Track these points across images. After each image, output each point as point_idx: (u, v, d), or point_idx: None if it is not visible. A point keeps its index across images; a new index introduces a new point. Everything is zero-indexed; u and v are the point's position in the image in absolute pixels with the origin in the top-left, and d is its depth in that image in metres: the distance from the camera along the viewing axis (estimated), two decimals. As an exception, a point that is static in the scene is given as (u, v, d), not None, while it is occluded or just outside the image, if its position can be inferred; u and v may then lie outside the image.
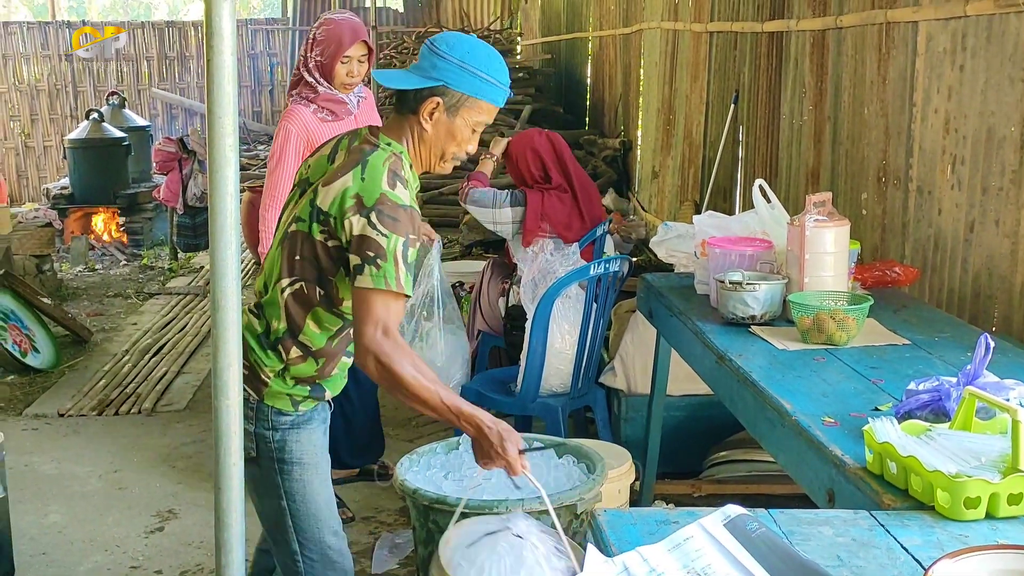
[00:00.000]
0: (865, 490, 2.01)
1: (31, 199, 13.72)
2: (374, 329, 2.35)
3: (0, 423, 5.27)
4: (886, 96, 4.04)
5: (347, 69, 3.97)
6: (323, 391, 2.61)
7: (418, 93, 2.46)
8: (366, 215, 2.36)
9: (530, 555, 2.30)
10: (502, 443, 2.38)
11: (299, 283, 2.48)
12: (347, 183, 2.40)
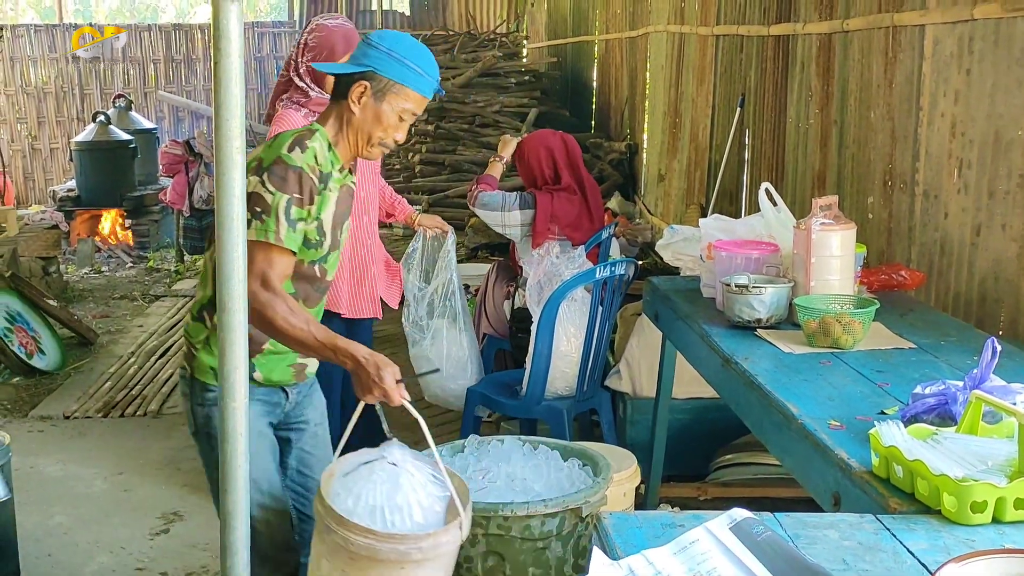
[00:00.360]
0: (871, 494, 2.01)
1: (38, 201, 13.74)
2: (254, 280, 2.49)
3: (6, 425, 5.28)
4: (892, 100, 4.04)
5: None
6: (252, 370, 2.56)
7: (349, 78, 2.65)
8: (260, 174, 2.56)
9: (406, 481, 2.50)
10: (379, 372, 2.55)
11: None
12: (257, 152, 2.63)
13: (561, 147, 4.68)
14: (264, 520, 2.73)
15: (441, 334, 4.37)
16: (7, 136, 13.69)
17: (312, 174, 2.61)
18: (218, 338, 2.18)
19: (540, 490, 3.04)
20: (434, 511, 2.52)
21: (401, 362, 5.99)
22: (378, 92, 2.64)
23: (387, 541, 2.39)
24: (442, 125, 10.64)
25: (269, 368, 2.75)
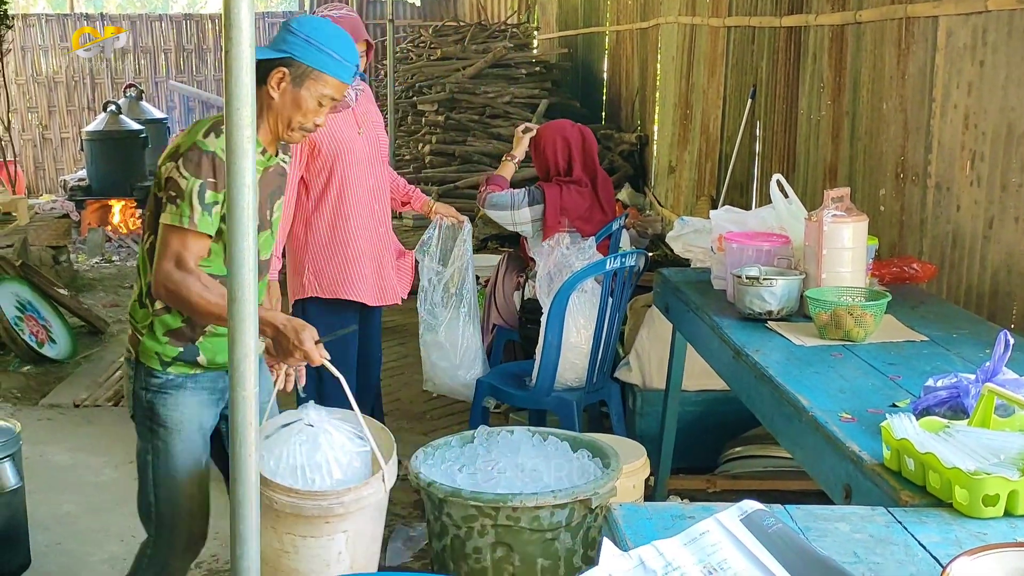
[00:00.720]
0: (882, 486, 2.00)
1: (48, 191, 13.78)
2: (169, 262, 2.60)
3: (16, 413, 5.29)
4: (905, 91, 4.02)
5: None
6: (196, 353, 2.74)
7: (268, 64, 2.68)
8: (176, 160, 2.62)
9: (324, 440, 2.64)
10: (298, 336, 2.60)
11: (152, 237, 2.70)
12: (176, 140, 2.70)
13: (578, 140, 4.67)
14: (188, 510, 2.84)
15: (456, 321, 4.37)
16: (18, 125, 13.71)
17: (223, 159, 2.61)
18: (228, 329, 2.18)
19: (549, 481, 3.04)
20: (354, 467, 2.68)
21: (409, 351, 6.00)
22: (296, 78, 2.70)
23: (309, 498, 2.55)
24: (452, 116, 10.63)
25: (213, 350, 2.78)
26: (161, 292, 2.63)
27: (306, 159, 3.95)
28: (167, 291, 2.62)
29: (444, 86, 10.83)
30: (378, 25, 14.47)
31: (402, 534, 3.96)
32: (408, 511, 4.18)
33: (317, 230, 3.99)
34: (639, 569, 1.52)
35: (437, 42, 11.89)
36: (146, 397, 2.75)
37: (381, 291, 4.12)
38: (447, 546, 2.97)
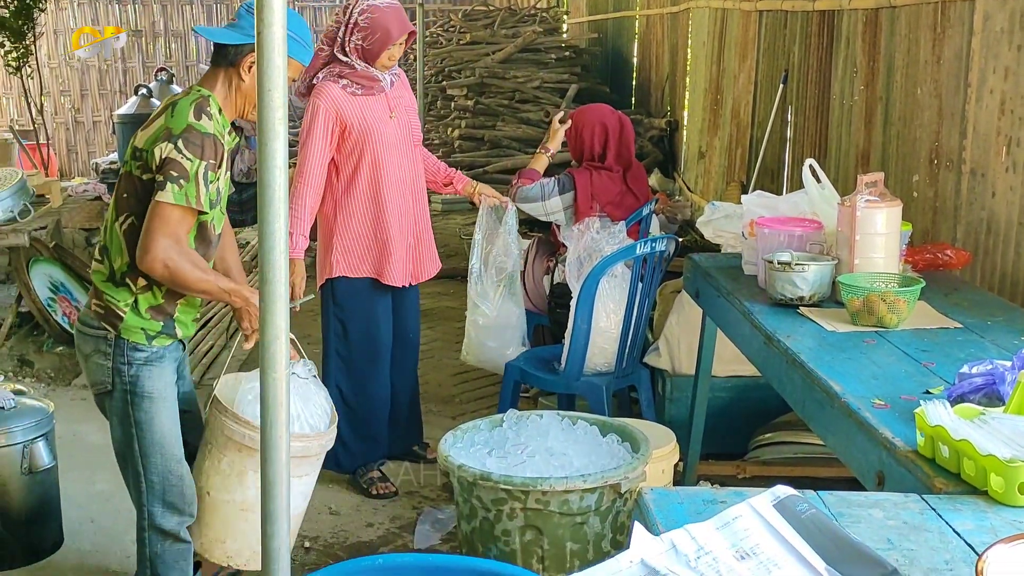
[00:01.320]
0: (916, 473, 1.99)
1: (80, 173, 13.87)
2: (168, 240, 2.76)
3: (50, 393, 5.34)
4: (940, 76, 3.97)
5: (390, 54, 3.97)
6: (174, 328, 2.97)
7: (239, 48, 2.89)
8: (174, 142, 2.76)
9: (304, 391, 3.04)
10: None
11: (130, 217, 2.84)
12: (160, 122, 2.83)
13: (617, 128, 4.65)
14: (178, 474, 2.99)
15: (506, 300, 4.37)
16: (51, 109, 13.80)
17: (221, 140, 2.85)
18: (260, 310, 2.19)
19: (579, 465, 3.04)
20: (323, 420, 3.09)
21: (439, 334, 6.02)
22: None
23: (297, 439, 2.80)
24: (481, 101, 10.61)
25: (185, 323, 3.01)
26: (157, 268, 2.77)
27: (336, 141, 3.96)
28: (165, 268, 2.77)
29: (474, 71, 10.81)
30: (408, 9, 14.43)
31: (430, 517, 3.97)
32: (436, 493, 4.20)
33: (346, 211, 4.02)
34: (671, 553, 1.51)
35: (467, 26, 11.87)
36: (130, 372, 2.88)
37: (410, 272, 4.14)
38: (476, 529, 2.98)
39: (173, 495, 2.98)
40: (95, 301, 2.93)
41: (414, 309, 4.35)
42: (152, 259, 2.75)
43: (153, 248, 2.75)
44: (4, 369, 5.57)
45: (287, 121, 2.15)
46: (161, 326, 2.93)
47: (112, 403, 2.94)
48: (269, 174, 2.14)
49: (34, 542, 3.65)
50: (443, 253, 8.55)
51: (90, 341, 2.94)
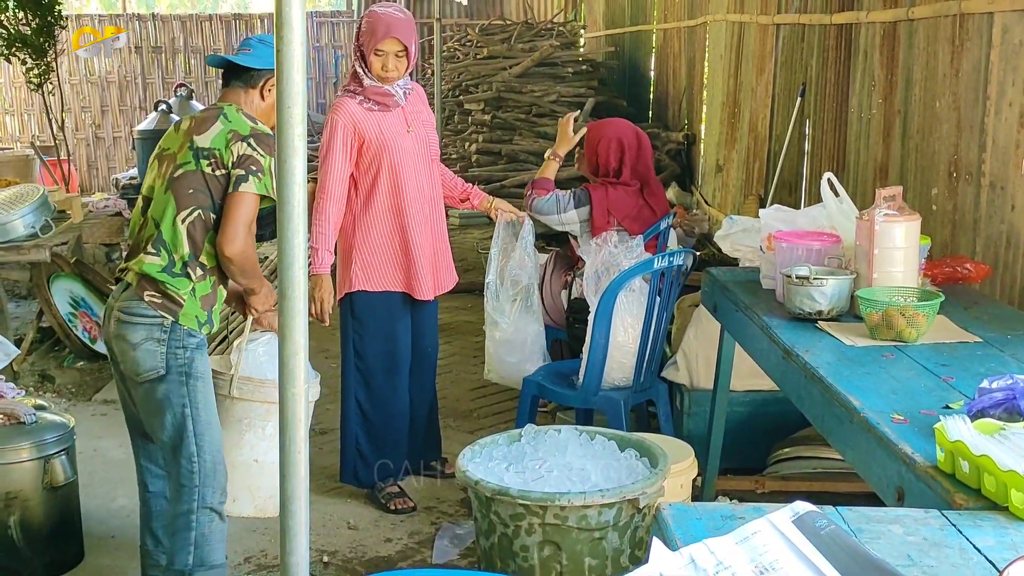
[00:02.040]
0: (936, 489, 1.98)
1: (101, 189, 13.96)
2: (243, 227, 3.08)
3: (71, 408, 5.37)
4: (959, 89, 3.96)
5: (381, 63, 3.98)
6: (212, 320, 3.19)
7: (260, 72, 3.23)
8: (246, 140, 3.10)
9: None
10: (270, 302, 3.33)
11: (196, 211, 3.10)
12: (217, 128, 3.13)
13: (634, 144, 4.66)
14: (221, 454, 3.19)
15: (522, 316, 4.38)
16: (72, 125, 13.91)
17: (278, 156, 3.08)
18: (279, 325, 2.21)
19: (597, 480, 3.04)
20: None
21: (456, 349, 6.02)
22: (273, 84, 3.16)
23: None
24: (499, 115, 10.64)
25: (216, 317, 3.22)
26: (237, 253, 3.08)
27: (355, 155, 3.99)
28: (243, 253, 3.10)
29: (491, 85, 10.84)
30: (425, 24, 14.51)
31: (448, 532, 3.97)
32: (455, 509, 4.20)
33: (365, 225, 4.04)
34: (690, 567, 1.51)
35: (484, 41, 11.91)
36: (185, 356, 3.09)
37: (428, 286, 4.15)
38: (494, 544, 2.98)
39: (220, 474, 3.17)
40: (149, 291, 3.08)
41: (432, 323, 4.36)
42: (236, 244, 3.06)
43: (238, 235, 3.06)
44: (25, 384, 5.61)
45: (306, 137, 2.17)
46: (206, 317, 3.15)
47: (165, 387, 3.09)
48: (288, 190, 2.16)
49: (54, 557, 3.67)
50: (460, 267, 8.58)
51: (141, 330, 3.08)
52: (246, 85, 3.27)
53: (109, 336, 3.16)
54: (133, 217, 3.29)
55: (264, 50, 3.25)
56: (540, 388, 4.24)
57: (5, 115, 14.36)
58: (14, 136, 14.23)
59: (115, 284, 3.26)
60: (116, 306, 3.14)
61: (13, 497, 3.55)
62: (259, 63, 3.24)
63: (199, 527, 3.14)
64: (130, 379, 3.14)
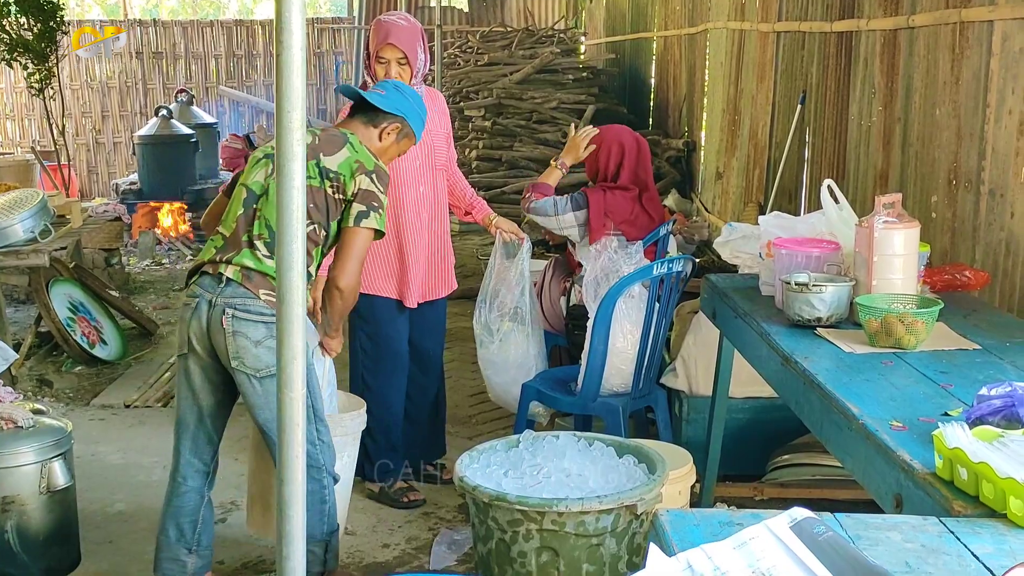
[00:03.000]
0: (934, 496, 1.97)
1: (101, 194, 13.98)
2: (360, 264, 3.29)
3: (68, 413, 5.37)
4: (959, 97, 3.97)
5: (384, 70, 3.99)
6: None
7: (386, 114, 3.44)
8: (368, 175, 3.25)
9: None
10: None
11: (312, 225, 3.21)
12: (345, 154, 3.27)
13: (634, 149, 4.66)
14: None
15: (510, 337, 4.37)
16: (72, 130, 13.92)
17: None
18: (276, 331, 2.21)
19: (595, 486, 3.03)
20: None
21: (455, 355, 6.01)
22: (400, 134, 3.48)
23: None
24: (499, 121, 10.65)
25: None
26: (352, 285, 3.27)
27: None
28: (354, 289, 3.30)
29: (491, 91, 10.85)
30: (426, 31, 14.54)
31: (446, 538, 3.97)
32: (453, 515, 4.19)
33: None
34: (687, 573, 1.51)
35: (484, 47, 11.93)
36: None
37: (419, 294, 4.18)
38: (492, 550, 2.97)
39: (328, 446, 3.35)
40: (266, 291, 3.16)
41: (437, 324, 4.38)
42: (351, 277, 3.25)
43: (355, 270, 3.26)
44: (23, 388, 5.61)
45: (305, 142, 2.17)
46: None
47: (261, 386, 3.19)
48: (287, 194, 2.15)
49: (51, 562, 3.66)
50: (460, 273, 8.58)
51: (262, 327, 3.17)
52: (369, 122, 3.44)
53: (214, 329, 3.19)
54: (231, 208, 3.31)
55: (397, 96, 3.45)
56: (539, 394, 4.24)
57: (6, 120, 14.36)
58: (15, 141, 14.23)
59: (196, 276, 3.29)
60: (224, 302, 3.17)
61: (10, 501, 3.54)
62: (387, 106, 3.43)
63: (328, 497, 3.32)
64: (245, 373, 3.18)
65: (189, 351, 3.28)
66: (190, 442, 3.38)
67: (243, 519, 4.18)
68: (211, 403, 3.34)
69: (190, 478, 3.40)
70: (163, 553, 3.40)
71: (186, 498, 3.39)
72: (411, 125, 3.48)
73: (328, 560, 3.36)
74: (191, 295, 3.28)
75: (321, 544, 3.33)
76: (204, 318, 3.21)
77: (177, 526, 3.39)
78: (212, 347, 3.23)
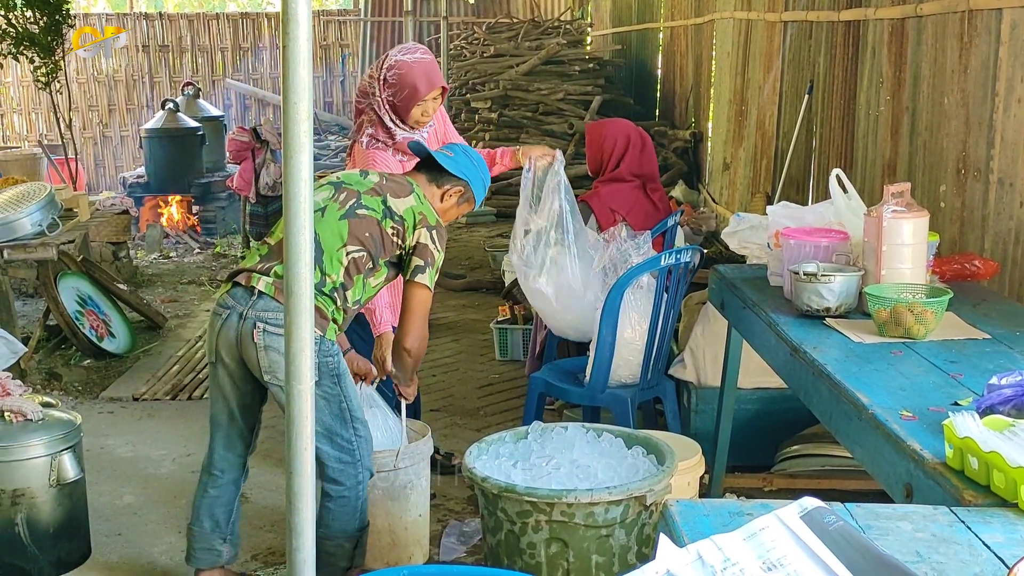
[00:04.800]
0: (945, 486, 1.97)
1: (108, 187, 13.99)
2: (423, 322, 3.32)
3: (77, 406, 5.38)
4: (967, 86, 3.95)
5: (422, 110, 3.87)
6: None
7: (451, 176, 3.43)
8: (429, 231, 3.27)
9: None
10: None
11: (363, 252, 3.22)
12: (411, 202, 3.29)
13: (638, 142, 4.65)
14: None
15: (555, 264, 4.14)
16: (79, 124, 13.94)
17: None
18: (285, 323, 2.21)
19: (603, 477, 3.03)
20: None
21: (463, 347, 6.00)
22: (462, 198, 3.48)
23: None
24: (505, 113, 10.64)
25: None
26: (416, 347, 3.33)
27: None
28: (421, 347, 3.36)
29: (498, 83, 10.84)
30: (432, 23, 14.51)
31: (456, 529, 3.97)
32: (462, 506, 4.19)
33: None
34: (697, 564, 1.50)
35: (490, 39, 11.91)
36: (335, 361, 3.22)
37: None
38: (501, 541, 2.97)
39: (368, 441, 3.35)
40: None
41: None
42: (416, 339, 3.31)
43: (419, 330, 3.31)
44: (33, 382, 5.62)
45: (312, 134, 2.16)
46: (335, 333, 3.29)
47: (321, 392, 3.13)
48: (295, 187, 2.15)
49: (61, 555, 3.67)
50: (467, 265, 8.60)
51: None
52: (433, 181, 3.44)
53: (245, 342, 3.17)
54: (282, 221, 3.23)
55: (465, 162, 3.47)
56: (547, 386, 4.24)
57: (13, 114, 14.38)
58: (22, 135, 14.25)
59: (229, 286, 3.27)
60: (255, 315, 3.15)
61: (20, 494, 3.55)
62: (454, 169, 3.43)
63: (364, 495, 3.33)
64: (278, 386, 3.12)
65: (217, 360, 3.28)
66: (223, 439, 3.41)
67: (252, 511, 4.20)
68: (241, 404, 3.36)
69: (227, 471, 3.44)
70: (197, 543, 3.45)
71: (223, 489, 3.45)
72: (473, 191, 3.48)
73: (356, 557, 3.35)
74: (222, 305, 3.25)
75: (352, 539, 3.32)
76: (234, 331, 3.20)
77: (212, 516, 3.44)
78: (242, 358, 3.23)
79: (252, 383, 3.31)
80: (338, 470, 3.27)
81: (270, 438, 4.92)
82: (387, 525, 3.60)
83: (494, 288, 7.40)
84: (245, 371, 3.26)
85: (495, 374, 5.88)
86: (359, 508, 3.33)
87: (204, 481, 3.47)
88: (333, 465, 3.27)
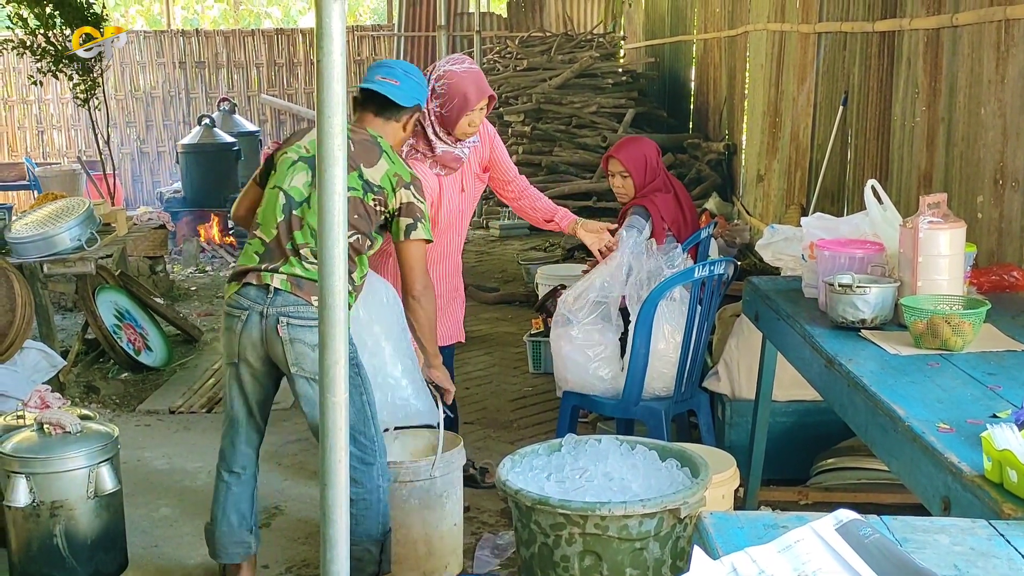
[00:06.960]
0: (983, 498, 1.95)
1: (145, 202, 14.12)
2: (424, 270, 3.40)
3: (114, 419, 5.42)
4: (1004, 96, 3.92)
5: (469, 120, 3.88)
6: None
7: (405, 108, 3.46)
8: (407, 188, 3.34)
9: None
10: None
11: (357, 235, 3.27)
12: (384, 166, 3.33)
13: (655, 152, 4.64)
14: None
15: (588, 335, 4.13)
16: (117, 139, 14.09)
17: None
18: (320, 334, 2.22)
19: (637, 490, 3.02)
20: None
21: (496, 360, 5.98)
22: (415, 119, 3.55)
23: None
24: (539, 126, 10.65)
25: None
26: (422, 289, 3.40)
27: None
28: (427, 292, 3.42)
29: (530, 96, 10.86)
30: (465, 37, 14.57)
31: (489, 542, 3.96)
32: (495, 519, 4.19)
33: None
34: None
35: (523, 53, 11.94)
36: (352, 351, 3.21)
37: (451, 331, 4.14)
38: (535, 554, 2.96)
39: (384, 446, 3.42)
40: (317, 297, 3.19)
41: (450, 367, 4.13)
42: (421, 284, 3.39)
43: (422, 276, 3.39)
44: (71, 395, 5.67)
45: (346, 147, 2.18)
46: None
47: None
48: (329, 200, 2.16)
49: (98, 566, 3.69)
50: (501, 279, 8.60)
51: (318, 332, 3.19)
52: (391, 117, 3.47)
53: (270, 339, 3.25)
54: (268, 210, 3.34)
55: (412, 85, 3.46)
56: (580, 398, 4.23)
57: (52, 130, 14.56)
58: (61, 151, 14.43)
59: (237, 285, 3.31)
60: (276, 311, 3.23)
61: (59, 506, 3.58)
62: (407, 100, 3.44)
63: (384, 496, 3.36)
64: (304, 378, 3.25)
65: (240, 360, 3.33)
66: (244, 436, 3.49)
67: (286, 524, 4.22)
68: (260, 399, 3.46)
69: (248, 466, 3.53)
70: (226, 539, 3.51)
71: (246, 484, 3.52)
72: (423, 106, 3.56)
73: (383, 562, 3.38)
74: (237, 306, 3.30)
75: (377, 544, 3.35)
76: (257, 330, 3.25)
77: (239, 511, 3.51)
78: (267, 356, 3.29)
79: (272, 379, 3.41)
80: (360, 470, 3.29)
81: (304, 451, 4.95)
82: (423, 535, 3.61)
83: (527, 301, 7.40)
84: (268, 368, 3.34)
85: (528, 387, 5.88)
86: (381, 511, 3.36)
87: (227, 480, 3.52)
88: (354, 464, 3.26)
